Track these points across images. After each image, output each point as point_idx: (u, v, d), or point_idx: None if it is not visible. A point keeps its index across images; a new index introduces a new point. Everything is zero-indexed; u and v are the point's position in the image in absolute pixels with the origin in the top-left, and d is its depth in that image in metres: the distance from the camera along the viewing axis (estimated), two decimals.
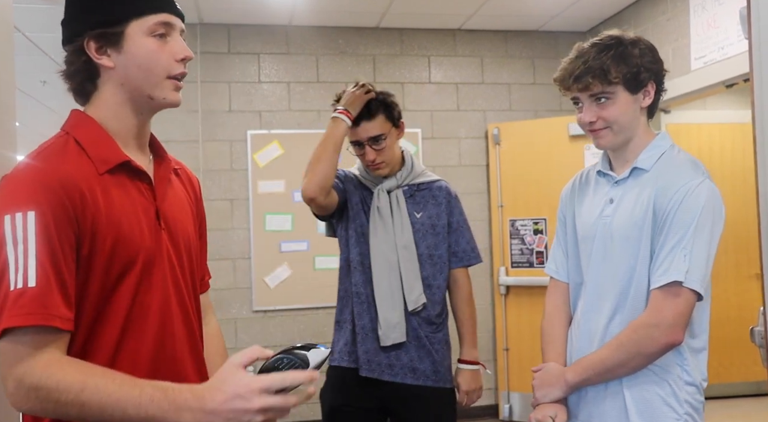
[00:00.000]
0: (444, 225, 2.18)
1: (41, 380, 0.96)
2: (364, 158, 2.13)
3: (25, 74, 4.98)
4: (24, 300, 0.96)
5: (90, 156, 1.10)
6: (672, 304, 1.40)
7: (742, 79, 3.45)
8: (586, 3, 4.34)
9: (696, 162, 1.53)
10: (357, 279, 2.11)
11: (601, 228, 1.55)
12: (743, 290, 4.85)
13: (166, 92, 1.15)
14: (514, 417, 4.58)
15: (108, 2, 1.10)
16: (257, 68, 4.55)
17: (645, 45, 1.53)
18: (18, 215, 0.98)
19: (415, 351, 2.09)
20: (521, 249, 4.55)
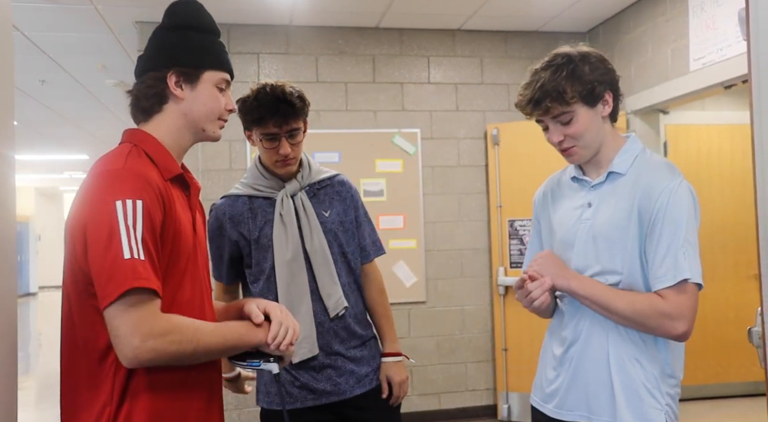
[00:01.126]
0: (352, 221, 2.10)
1: (168, 326, 1.22)
2: (277, 152, 1.97)
3: (24, 73, 4.96)
4: (140, 269, 1.20)
5: (157, 165, 1.36)
6: (689, 300, 1.48)
7: (741, 81, 3.46)
8: (585, 4, 4.34)
9: (670, 164, 1.60)
10: (261, 288, 2.00)
11: (582, 231, 1.61)
12: (741, 291, 4.86)
13: (215, 128, 1.48)
14: (513, 418, 4.58)
15: (195, 51, 1.43)
16: (257, 68, 4.55)
17: (595, 58, 1.58)
18: (129, 201, 1.23)
19: (351, 362, 2.02)
20: (520, 250, 4.56)
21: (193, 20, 1.45)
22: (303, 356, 1.95)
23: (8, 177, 1.44)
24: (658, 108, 4.33)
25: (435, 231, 4.70)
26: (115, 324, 1.19)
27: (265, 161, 2.05)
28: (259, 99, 2.01)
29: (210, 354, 1.31)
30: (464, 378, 4.71)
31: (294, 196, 2.02)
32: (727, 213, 4.89)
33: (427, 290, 4.67)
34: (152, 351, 1.20)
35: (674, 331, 1.48)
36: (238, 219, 2.02)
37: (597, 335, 1.59)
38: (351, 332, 2.04)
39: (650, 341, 1.55)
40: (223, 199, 2.09)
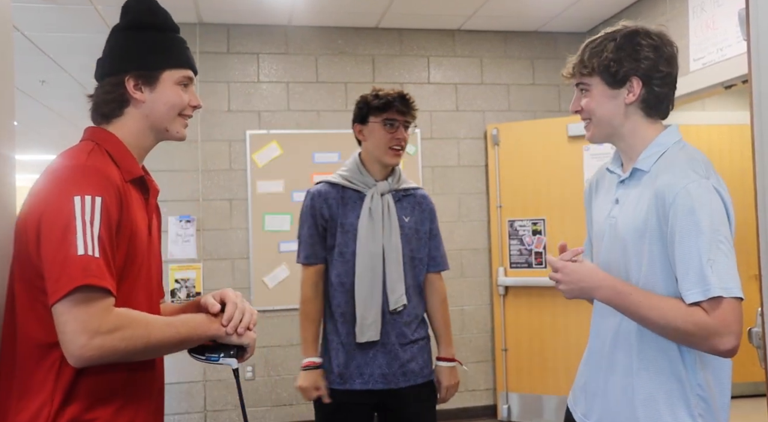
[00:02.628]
0: (426, 231, 2.31)
1: (118, 322, 1.19)
2: (394, 137, 2.20)
3: (24, 74, 4.97)
4: (93, 266, 1.17)
5: (119, 165, 1.33)
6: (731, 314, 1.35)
7: (741, 81, 3.45)
8: (585, 4, 4.34)
9: (695, 160, 1.46)
10: (340, 270, 2.19)
11: (609, 229, 1.54)
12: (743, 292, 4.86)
13: (178, 127, 1.45)
14: (513, 418, 4.58)
15: (152, 51, 1.39)
16: (256, 68, 4.55)
17: (624, 39, 1.48)
18: (88, 197, 1.20)
19: (404, 355, 2.20)
20: (520, 250, 4.56)
21: (146, 18, 1.41)
22: (369, 338, 2.15)
23: (9, 177, 1.44)
24: None
25: None
26: (62, 321, 1.16)
27: (378, 151, 2.23)
28: (383, 94, 2.27)
29: (163, 348, 1.28)
30: (464, 378, 4.70)
31: (382, 196, 2.23)
32: None
33: None
34: (100, 349, 1.16)
35: (721, 347, 1.33)
36: (330, 202, 2.22)
37: (623, 341, 1.49)
38: (407, 328, 2.22)
39: (676, 355, 1.43)
40: (320, 183, 2.28)
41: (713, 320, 1.33)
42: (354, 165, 2.27)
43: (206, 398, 4.36)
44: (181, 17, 4.33)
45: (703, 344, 1.35)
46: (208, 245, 4.41)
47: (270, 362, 4.45)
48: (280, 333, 4.47)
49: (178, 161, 4.41)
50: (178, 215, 4.39)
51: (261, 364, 4.44)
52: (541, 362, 4.46)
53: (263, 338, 4.44)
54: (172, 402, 4.33)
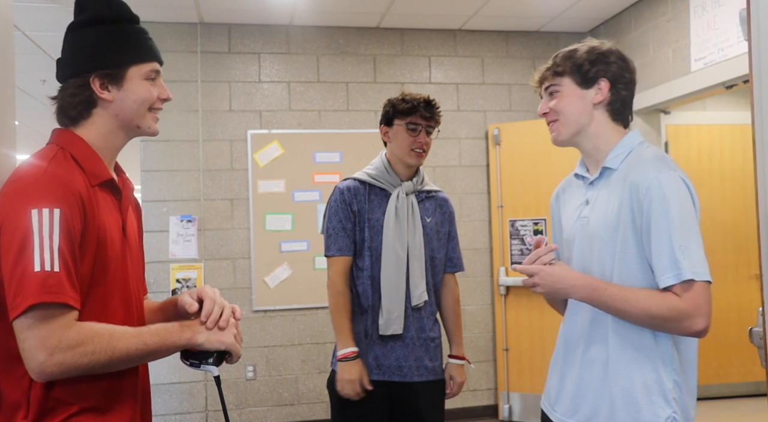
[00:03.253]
0: (446, 233, 2.42)
1: (79, 337, 1.16)
2: (415, 140, 2.27)
3: (25, 73, 4.97)
4: (51, 281, 1.14)
5: (84, 170, 1.29)
6: (702, 297, 1.43)
7: (742, 81, 3.45)
8: (586, 4, 4.34)
9: (662, 156, 1.55)
10: (366, 264, 2.27)
11: (580, 230, 1.61)
12: (743, 291, 4.86)
13: (150, 123, 1.40)
14: (514, 418, 4.58)
15: (114, 48, 1.34)
16: (258, 68, 4.55)
17: (595, 49, 1.61)
18: (45, 210, 1.17)
19: (420, 350, 2.28)
20: (521, 250, 4.55)
21: (104, 13, 1.35)
22: (394, 331, 2.23)
23: None
24: (659, 108, 4.33)
25: None
26: (22, 337, 1.14)
27: (400, 151, 2.30)
28: (409, 98, 2.32)
29: (130, 360, 1.24)
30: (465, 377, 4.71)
31: (407, 195, 2.31)
32: (728, 213, 4.89)
33: None
34: (60, 365, 1.14)
35: (695, 328, 1.43)
36: (360, 198, 2.31)
37: (597, 338, 1.56)
38: (424, 324, 2.31)
39: (651, 344, 1.50)
40: (348, 179, 2.35)
41: (685, 302, 1.42)
42: (381, 164, 2.34)
43: (207, 398, 4.37)
44: (182, 17, 4.34)
45: (678, 327, 1.44)
46: (209, 244, 4.41)
47: (271, 362, 4.45)
48: (281, 333, 4.48)
49: (179, 160, 4.41)
50: (179, 214, 4.39)
51: (262, 364, 4.44)
52: (542, 362, 4.46)
53: (264, 338, 4.44)
54: (173, 402, 4.33)
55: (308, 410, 4.46)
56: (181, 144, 4.42)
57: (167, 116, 4.36)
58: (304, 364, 4.48)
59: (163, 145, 4.38)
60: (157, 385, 4.28)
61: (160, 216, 4.36)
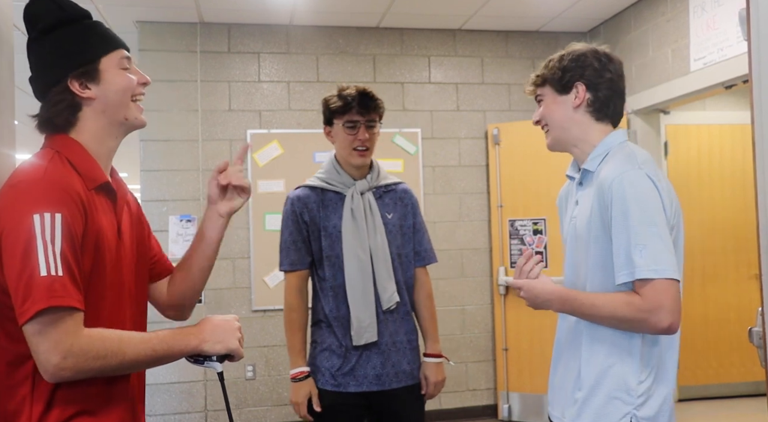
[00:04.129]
0: (410, 226, 2.29)
1: (90, 342, 1.19)
2: (356, 138, 2.15)
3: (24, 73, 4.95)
4: (57, 286, 1.16)
5: (81, 174, 1.29)
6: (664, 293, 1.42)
7: (742, 81, 3.45)
8: (586, 4, 4.34)
9: (631, 154, 1.56)
10: (328, 274, 2.17)
11: (571, 230, 1.66)
12: (742, 291, 4.85)
13: (135, 113, 1.39)
14: (514, 417, 4.58)
15: (81, 46, 1.33)
16: (257, 68, 4.55)
17: (572, 54, 1.65)
18: (47, 215, 1.18)
19: (397, 355, 2.19)
20: (521, 249, 4.55)
21: (60, 15, 1.34)
22: (367, 340, 2.13)
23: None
24: (659, 108, 4.33)
25: (436, 231, 4.70)
26: (34, 342, 1.16)
27: (343, 151, 2.19)
28: (344, 94, 2.20)
29: (139, 365, 1.28)
30: (465, 377, 4.71)
31: (362, 194, 2.19)
32: (728, 213, 4.89)
33: None
34: (73, 369, 1.17)
35: (660, 325, 1.44)
36: (311, 206, 2.20)
37: (574, 337, 1.62)
38: (400, 328, 2.21)
39: (622, 342, 1.53)
40: (299, 188, 2.25)
41: (645, 301, 1.43)
42: (330, 166, 2.24)
43: (207, 398, 4.37)
44: (181, 17, 4.34)
45: (644, 325, 1.45)
46: None
47: (270, 361, 4.45)
48: (280, 332, 4.47)
49: (179, 160, 4.41)
50: (179, 214, 4.39)
51: (261, 364, 4.44)
52: (541, 361, 4.46)
53: (264, 337, 4.44)
54: (172, 401, 4.33)
55: None
56: (180, 144, 4.41)
57: (167, 115, 4.36)
58: None
59: (163, 145, 4.38)
60: (157, 385, 4.28)
61: (160, 216, 4.36)
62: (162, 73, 4.31)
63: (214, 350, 1.34)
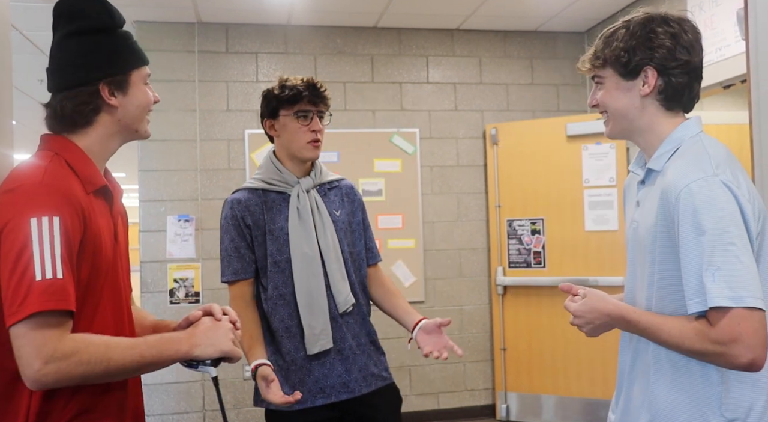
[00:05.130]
0: (359, 222, 2.16)
1: (75, 346, 1.16)
2: (309, 130, 2.02)
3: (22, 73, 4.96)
4: (54, 289, 1.15)
5: (79, 176, 1.30)
6: (742, 325, 1.21)
7: (740, 81, 3.46)
8: (583, 3, 4.34)
9: (704, 154, 1.33)
10: (277, 281, 2.01)
11: (632, 234, 1.46)
12: None
13: (146, 126, 1.44)
14: (512, 417, 4.58)
15: (119, 55, 1.37)
16: (255, 68, 4.55)
17: (636, 27, 1.39)
18: (44, 218, 1.17)
19: (362, 358, 2.05)
20: (519, 249, 4.56)
21: (106, 20, 1.37)
22: (322, 347, 1.98)
23: None
24: None
25: (434, 231, 4.70)
26: (18, 345, 1.15)
27: (295, 145, 2.05)
28: (289, 84, 2.05)
29: (126, 372, 1.24)
30: (463, 377, 4.71)
31: (308, 192, 2.06)
32: None
33: (426, 290, 4.67)
34: (55, 374, 1.14)
35: (737, 361, 1.22)
36: (253, 209, 2.04)
37: (641, 371, 1.42)
38: (360, 329, 2.08)
39: (697, 378, 1.32)
40: (237, 192, 2.09)
41: (718, 332, 1.22)
42: (270, 165, 2.08)
43: (205, 398, 4.36)
44: (179, 16, 4.34)
45: (719, 360, 1.25)
46: (207, 244, 4.41)
47: None
48: None
49: (177, 160, 4.41)
50: (176, 214, 4.38)
51: None
52: (539, 361, 4.47)
53: None
54: (170, 401, 4.32)
55: None
56: (178, 144, 4.41)
57: (164, 115, 4.35)
58: None
59: (161, 145, 4.37)
60: (155, 385, 4.27)
61: (158, 216, 4.35)
62: (159, 73, 4.30)
63: (207, 354, 1.30)
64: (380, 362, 2.12)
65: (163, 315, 4.29)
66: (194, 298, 4.36)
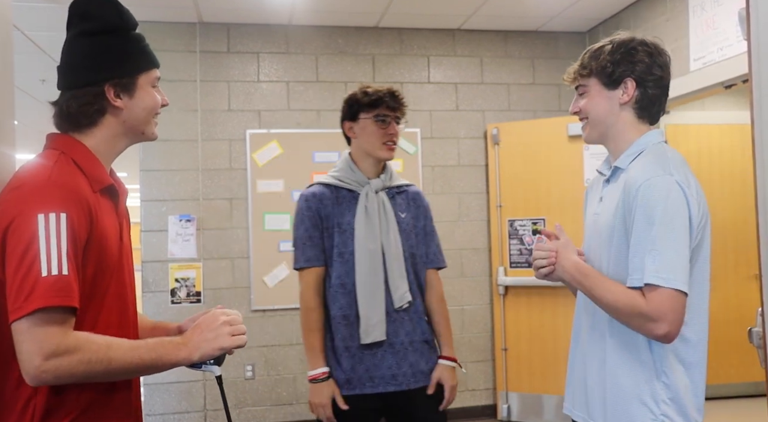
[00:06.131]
0: (422, 227, 2.30)
1: (77, 344, 1.16)
2: (387, 133, 2.18)
3: (24, 73, 4.97)
4: (60, 285, 1.15)
5: (86, 175, 1.30)
6: (667, 303, 1.41)
7: (741, 80, 3.45)
8: (585, 3, 4.34)
9: (663, 157, 1.52)
10: (339, 271, 2.15)
11: (592, 225, 1.65)
12: (742, 291, 4.86)
13: (152, 128, 1.45)
14: (513, 417, 4.58)
15: (126, 58, 1.37)
16: (256, 68, 4.55)
17: (620, 44, 1.58)
18: (51, 215, 1.18)
19: (414, 355, 2.17)
20: (520, 249, 4.55)
21: (115, 22, 1.37)
22: (375, 338, 2.11)
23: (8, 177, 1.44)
24: None
25: None
26: (20, 340, 1.15)
27: (371, 146, 2.20)
28: (371, 90, 2.22)
29: (126, 373, 1.26)
30: (464, 377, 4.71)
31: (376, 193, 2.20)
32: (727, 213, 4.89)
33: None
34: (55, 371, 1.14)
35: (655, 332, 1.43)
36: (326, 203, 2.20)
37: (597, 336, 1.59)
38: (415, 327, 2.20)
39: (644, 345, 1.50)
40: (312, 186, 2.25)
41: (648, 306, 1.42)
42: (345, 165, 2.24)
43: (206, 397, 4.36)
44: (181, 16, 4.34)
45: (642, 328, 1.45)
46: (208, 244, 4.41)
47: (270, 361, 4.45)
48: (279, 332, 4.47)
49: (178, 160, 4.41)
50: (178, 214, 4.39)
51: (261, 363, 4.44)
52: (540, 361, 4.46)
53: (263, 337, 4.44)
54: (171, 401, 4.33)
55: (306, 409, 4.45)
56: (180, 144, 4.41)
57: (166, 116, 4.35)
58: (303, 364, 4.47)
59: (162, 144, 4.37)
60: (156, 384, 4.28)
61: (159, 216, 4.36)
62: (161, 73, 4.29)
63: (208, 355, 1.32)
64: (431, 361, 2.22)
65: (164, 315, 4.30)
66: (195, 298, 4.36)
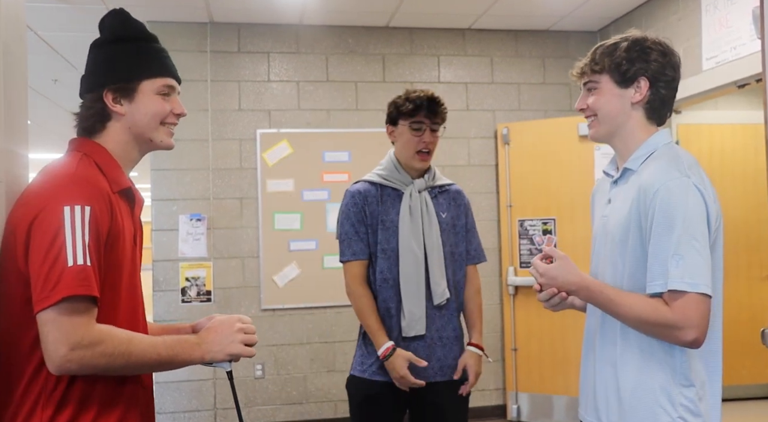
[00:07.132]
0: (463, 225, 2.38)
1: (101, 336, 1.20)
2: (421, 140, 2.24)
3: (37, 73, 5.01)
4: (84, 275, 1.19)
5: (107, 176, 1.35)
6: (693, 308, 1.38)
7: (755, 80, 3.42)
8: (596, 3, 4.32)
9: (678, 159, 1.49)
10: (382, 266, 2.24)
11: (601, 228, 1.61)
12: (755, 292, 4.82)
13: (162, 136, 1.46)
14: (523, 418, 4.57)
15: (125, 64, 1.41)
16: (267, 67, 4.56)
17: (635, 42, 1.54)
18: (77, 207, 1.22)
19: (442, 350, 2.25)
20: (530, 249, 4.54)
21: (119, 32, 1.43)
22: (417, 332, 2.20)
23: (22, 176, 1.46)
24: None
25: None
26: (46, 330, 1.17)
27: (406, 153, 2.28)
28: (412, 97, 2.32)
29: (144, 368, 1.31)
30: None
31: (419, 193, 2.28)
32: (740, 213, 4.85)
33: None
34: (79, 362, 1.18)
35: (683, 339, 1.40)
36: (370, 200, 2.28)
37: (609, 338, 1.56)
38: (447, 323, 2.27)
39: (660, 347, 1.47)
40: (358, 183, 2.34)
41: (673, 312, 1.39)
42: (390, 164, 2.32)
43: (216, 396, 4.38)
44: (191, 17, 4.36)
45: (668, 335, 1.41)
46: (218, 243, 4.43)
47: (279, 360, 4.46)
48: (289, 331, 4.49)
49: (189, 159, 4.43)
50: (188, 213, 4.41)
51: (270, 363, 4.45)
52: (551, 362, 4.45)
53: (273, 336, 4.45)
54: (182, 399, 4.35)
55: (316, 409, 4.46)
56: (190, 143, 4.43)
57: None
58: (313, 363, 4.49)
59: None
60: (167, 383, 4.30)
61: (170, 215, 4.38)
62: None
63: (218, 359, 1.38)
64: (456, 357, 2.27)
65: (174, 314, 4.32)
66: (206, 297, 4.38)
